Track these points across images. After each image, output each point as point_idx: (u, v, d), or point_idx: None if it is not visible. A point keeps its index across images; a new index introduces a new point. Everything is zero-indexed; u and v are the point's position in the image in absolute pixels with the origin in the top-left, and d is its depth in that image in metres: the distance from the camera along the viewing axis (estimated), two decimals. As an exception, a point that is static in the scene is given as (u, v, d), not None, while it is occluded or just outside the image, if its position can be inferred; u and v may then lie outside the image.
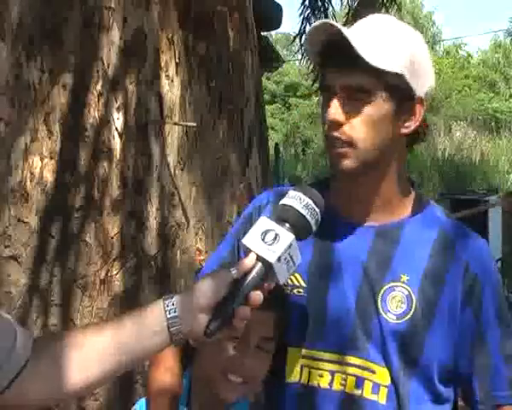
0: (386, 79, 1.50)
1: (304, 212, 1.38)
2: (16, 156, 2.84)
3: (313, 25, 1.53)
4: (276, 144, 12.54)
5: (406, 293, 1.55)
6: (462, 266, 1.57)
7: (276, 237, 1.35)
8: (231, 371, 1.56)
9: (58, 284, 2.85)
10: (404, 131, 1.56)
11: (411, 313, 1.55)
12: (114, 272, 2.87)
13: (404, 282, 1.56)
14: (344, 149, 1.52)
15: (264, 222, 1.37)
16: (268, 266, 1.33)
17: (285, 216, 1.38)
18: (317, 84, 7.96)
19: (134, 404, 1.73)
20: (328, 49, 1.53)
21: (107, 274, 2.87)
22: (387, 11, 7.32)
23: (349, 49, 1.47)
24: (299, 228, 1.38)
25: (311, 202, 1.39)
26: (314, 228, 1.40)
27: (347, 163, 1.53)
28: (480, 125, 23.47)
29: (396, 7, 7.65)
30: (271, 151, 10.46)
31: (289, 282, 1.59)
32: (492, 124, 24.58)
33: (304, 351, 1.58)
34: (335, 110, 1.51)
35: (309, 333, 1.59)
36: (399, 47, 1.53)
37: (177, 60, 3.01)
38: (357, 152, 1.52)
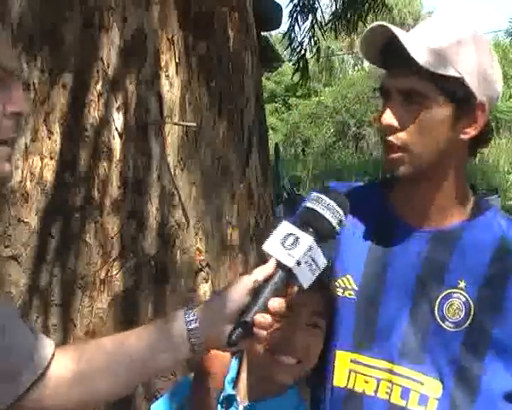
0: (442, 83, 1.45)
1: (325, 213, 1.36)
2: (16, 156, 2.84)
3: (369, 27, 1.49)
4: (276, 144, 12.51)
5: (463, 300, 1.50)
6: None
7: (295, 241, 1.33)
8: (284, 351, 1.53)
9: (58, 284, 2.85)
10: (463, 136, 1.52)
11: (470, 320, 1.50)
12: (114, 272, 2.87)
13: (461, 288, 1.51)
14: (398, 155, 1.49)
15: (284, 227, 1.36)
16: (288, 272, 1.32)
17: (306, 219, 1.36)
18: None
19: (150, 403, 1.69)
20: (386, 51, 1.50)
21: (107, 274, 2.86)
22: (375, 12, 7.28)
23: (402, 51, 1.44)
24: (321, 230, 1.35)
25: (332, 202, 1.37)
26: (337, 228, 1.38)
27: (401, 169, 1.50)
28: (480, 125, 23.39)
29: (386, 8, 7.64)
30: (271, 151, 10.45)
31: (341, 283, 1.56)
32: (492, 124, 24.55)
33: (352, 356, 1.56)
34: (390, 115, 1.48)
35: (359, 338, 1.55)
36: (460, 51, 1.48)
37: (177, 60, 3.01)
38: (411, 157, 1.49)
